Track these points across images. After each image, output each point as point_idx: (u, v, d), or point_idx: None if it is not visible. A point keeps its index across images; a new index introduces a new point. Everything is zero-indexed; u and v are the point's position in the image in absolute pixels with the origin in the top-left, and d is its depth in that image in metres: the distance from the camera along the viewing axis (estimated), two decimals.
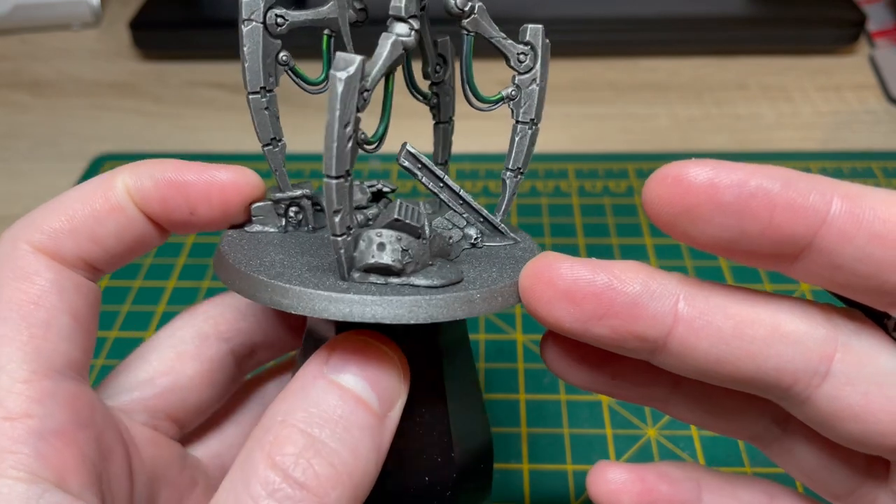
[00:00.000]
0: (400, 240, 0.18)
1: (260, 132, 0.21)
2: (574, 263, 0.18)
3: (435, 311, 0.18)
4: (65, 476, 0.17)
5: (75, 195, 0.20)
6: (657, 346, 0.18)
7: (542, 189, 0.45)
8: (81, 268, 0.20)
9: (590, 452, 0.32)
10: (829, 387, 0.17)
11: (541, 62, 0.20)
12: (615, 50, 0.58)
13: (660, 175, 0.16)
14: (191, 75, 0.57)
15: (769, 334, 0.17)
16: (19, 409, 0.17)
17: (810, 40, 0.57)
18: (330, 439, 0.17)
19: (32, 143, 0.51)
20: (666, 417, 0.33)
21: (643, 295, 0.17)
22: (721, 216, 0.16)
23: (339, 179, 0.17)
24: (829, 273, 0.16)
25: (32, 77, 0.58)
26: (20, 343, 0.18)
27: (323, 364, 0.18)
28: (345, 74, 0.16)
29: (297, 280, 0.18)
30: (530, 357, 0.36)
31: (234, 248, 0.20)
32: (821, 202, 0.16)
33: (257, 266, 0.19)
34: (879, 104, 0.52)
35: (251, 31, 0.20)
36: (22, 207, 0.45)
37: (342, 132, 0.17)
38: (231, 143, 0.50)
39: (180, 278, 0.40)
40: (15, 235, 0.19)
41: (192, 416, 0.23)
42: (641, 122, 0.52)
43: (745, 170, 0.16)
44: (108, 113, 0.54)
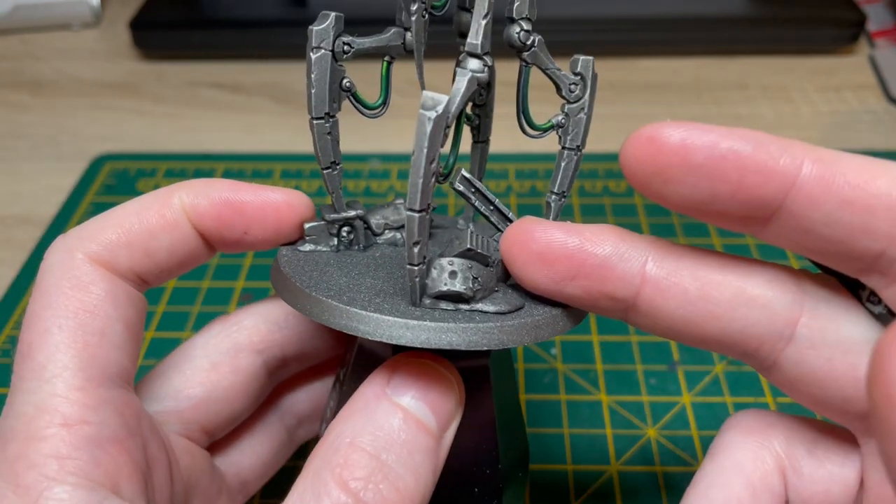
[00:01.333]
0: (471, 268, 0.19)
1: (322, 156, 0.21)
2: (548, 227, 0.19)
3: (506, 338, 0.18)
4: (119, 482, 0.18)
5: (132, 208, 0.21)
6: (628, 306, 0.18)
7: (543, 189, 0.45)
8: (133, 280, 0.21)
9: (590, 452, 0.32)
10: (793, 350, 0.18)
11: (589, 92, 0.21)
12: (615, 50, 0.58)
13: (636, 135, 0.17)
14: (191, 75, 0.57)
15: (734, 297, 0.18)
16: (76, 416, 0.18)
17: (810, 40, 0.57)
18: (395, 464, 0.17)
19: (32, 143, 0.51)
20: (666, 417, 0.33)
21: (612, 256, 0.18)
22: (692, 177, 0.16)
23: (422, 213, 0.18)
24: (799, 237, 0.17)
25: (32, 77, 0.58)
26: (76, 351, 0.18)
27: (385, 385, 0.19)
28: (434, 114, 0.16)
29: (372, 306, 0.19)
30: (530, 357, 0.36)
31: (295, 269, 0.21)
32: (791, 166, 0.16)
33: (325, 289, 0.19)
34: (879, 104, 0.52)
35: (320, 59, 0.20)
36: (22, 207, 0.45)
37: (428, 169, 0.17)
38: (231, 143, 0.50)
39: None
40: (70, 245, 0.20)
41: (223, 426, 0.24)
42: (641, 122, 0.51)
43: (718, 132, 0.16)
44: (108, 113, 0.54)
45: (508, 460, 0.23)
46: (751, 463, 0.19)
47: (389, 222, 0.23)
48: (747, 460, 0.19)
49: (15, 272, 0.40)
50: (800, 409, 0.29)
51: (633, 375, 0.35)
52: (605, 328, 0.37)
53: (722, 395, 0.34)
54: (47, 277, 0.19)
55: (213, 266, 0.41)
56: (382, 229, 0.23)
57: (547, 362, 0.35)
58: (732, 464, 0.19)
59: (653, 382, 0.34)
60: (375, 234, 0.23)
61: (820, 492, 0.19)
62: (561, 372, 0.35)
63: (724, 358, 0.35)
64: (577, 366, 0.35)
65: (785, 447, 0.19)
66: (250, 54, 0.58)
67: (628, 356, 0.36)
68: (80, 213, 0.44)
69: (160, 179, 0.47)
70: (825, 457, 0.19)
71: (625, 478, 0.31)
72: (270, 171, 0.47)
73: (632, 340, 0.36)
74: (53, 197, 0.46)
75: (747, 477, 0.19)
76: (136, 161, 0.48)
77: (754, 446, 0.19)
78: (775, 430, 0.20)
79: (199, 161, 0.48)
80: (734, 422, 0.20)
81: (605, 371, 0.35)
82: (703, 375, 0.35)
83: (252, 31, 0.57)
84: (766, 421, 0.20)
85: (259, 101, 0.54)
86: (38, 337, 0.18)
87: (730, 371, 0.35)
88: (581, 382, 0.35)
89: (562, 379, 0.35)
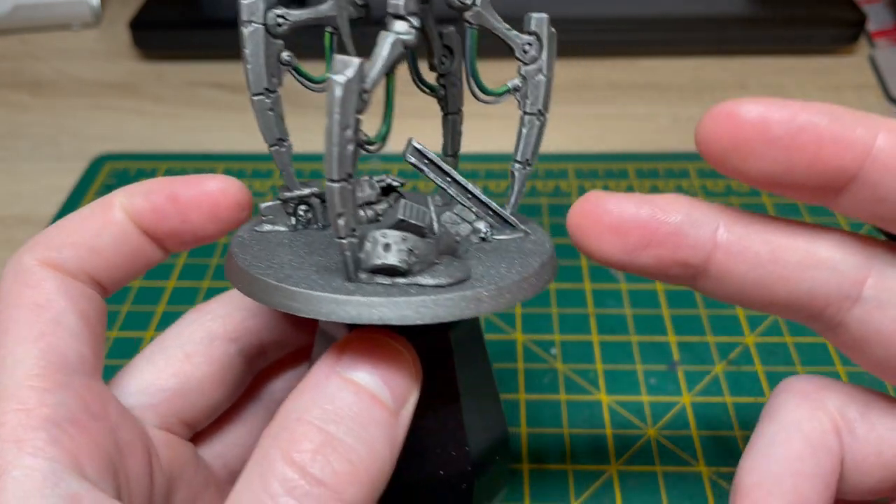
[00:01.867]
0: (405, 240, 0.18)
1: (265, 134, 0.21)
2: (620, 199, 0.19)
3: (441, 311, 0.18)
4: (80, 461, 0.18)
5: (75, 214, 0.22)
6: (698, 272, 0.19)
7: (542, 189, 0.45)
8: (86, 281, 0.21)
9: (590, 452, 0.32)
10: (860, 311, 0.18)
11: (547, 52, 0.20)
12: (615, 50, 0.58)
13: (713, 112, 0.17)
14: (191, 75, 0.57)
15: (804, 259, 0.18)
16: (33, 400, 0.18)
17: (810, 40, 0.57)
18: (346, 436, 0.17)
19: (32, 143, 0.51)
20: (666, 417, 0.33)
21: (685, 224, 0.19)
22: (771, 150, 0.17)
23: (342, 183, 0.17)
24: (872, 206, 0.17)
25: (32, 77, 0.58)
26: (31, 341, 0.19)
27: (335, 362, 0.18)
28: (343, 78, 0.16)
29: (305, 283, 0.18)
30: (530, 357, 0.36)
31: (244, 248, 0.20)
32: (866, 136, 0.16)
33: (266, 268, 0.19)
34: (879, 104, 0.52)
35: (253, 34, 0.19)
36: (22, 207, 0.45)
37: (342, 136, 0.17)
38: (231, 143, 0.50)
39: (180, 278, 0.40)
40: (20, 254, 0.21)
41: (202, 417, 0.23)
42: (641, 122, 0.52)
43: (794, 106, 0.17)
44: (108, 113, 0.54)
45: (478, 443, 0.22)
46: (808, 422, 0.19)
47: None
48: (804, 419, 0.19)
49: None
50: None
51: (633, 375, 0.35)
52: (605, 328, 0.37)
53: (722, 395, 0.34)
54: (1, 286, 0.20)
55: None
56: None
57: (547, 362, 0.35)
58: (790, 422, 0.20)
59: (653, 382, 0.34)
60: None
61: (872, 453, 0.19)
62: (561, 372, 0.35)
63: (724, 358, 0.35)
64: (577, 366, 0.35)
65: (840, 409, 0.20)
66: None
67: (628, 356, 0.36)
68: None
69: None
70: (878, 420, 0.20)
71: (625, 478, 0.31)
72: (270, 171, 0.47)
73: (632, 340, 0.36)
74: (53, 197, 0.46)
75: (806, 435, 0.19)
76: (136, 161, 0.48)
77: (810, 407, 0.20)
78: (829, 392, 0.20)
79: (199, 161, 0.48)
80: (787, 385, 0.21)
81: (605, 371, 0.35)
82: (703, 375, 0.35)
83: None
84: (820, 385, 0.20)
85: None
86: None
87: (730, 371, 0.35)
88: (581, 382, 0.35)
89: (562, 379, 0.35)
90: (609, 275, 0.40)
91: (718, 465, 0.31)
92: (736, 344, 0.36)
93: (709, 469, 0.31)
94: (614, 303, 0.38)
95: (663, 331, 0.37)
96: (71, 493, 0.17)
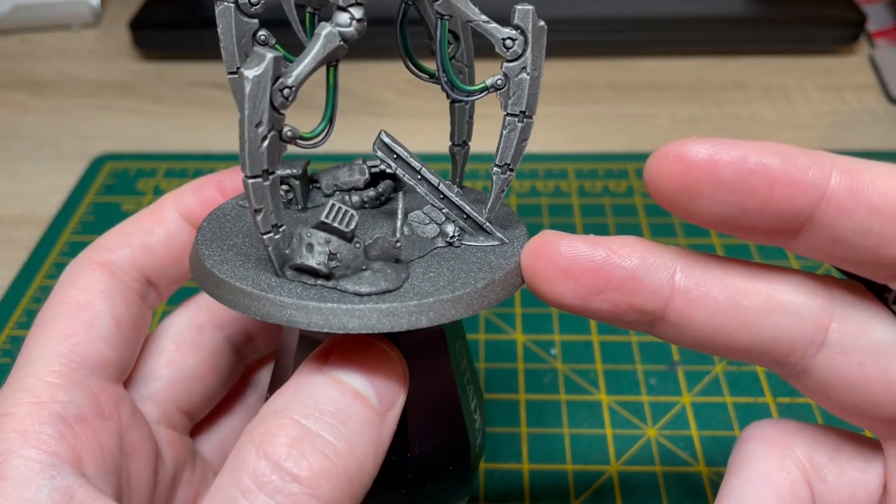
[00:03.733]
0: (328, 242, 0.18)
1: None
2: (573, 240, 0.18)
3: (351, 322, 0.17)
4: (80, 459, 0.18)
5: (130, 218, 0.23)
6: (655, 318, 0.18)
7: (542, 189, 0.45)
8: (138, 279, 0.22)
9: (590, 452, 0.32)
10: (825, 356, 0.18)
11: (532, 48, 0.19)
12: (615, 50, 0.58)
13: (661, 153, 0.17)
14: (191, 75, 0.57)
15: (764, 304, 0.18)
16: (46, 395, 0.18)
17: (810, 40, 0.57)
18: (325, 430, 0.17)
19: (32, 143, 0.51)
20: (666, 417, 0.33)
21: (641, 268, 0.18)
22: (721, 192, 0.16)
23: (256, 179, 0.17)
24: (829, 247, 0.17)
25: (32, 77, 0.58)
26: (60, 339, 0.20)
27: (322, 362, 0.18)
28: (252, 73, 0.16)
29: (233, 272, 0.18)
30: (530, 357, 0.36)
31: (216, 223, 0.21)
32: (820, 177, 0.16)
33: (217, 248, 0.19)
34: (879, 104, 0.52)
35: (222, 12, 0.19)
36: (22, 207, 0.45)
37: (253, 132, 0.17)
38: (231, 144, 0.50)
39: None
40: (80, 258, 0.22)
41: (199, 405, 0.24)
42: (641, 122, 0.52)
43: (745, 147, 0.16)
44: (108, 113, 0.54)
45: (423, 451, 0.22)
46: (776, 473, 0.19)
47: (339, 184, 0.22)
48: (773, 471, 0.19)
49: (15, 272, 0.40)
50: (800, 411, 0.29)
51: (633, 375, 0.35)
52: (605, 328, 0.37)
53: (722, 395, 0.34)
54: (57, 286, 0.21)
55: None
56: (332, 190, 0.22)
57: (547, 362, 0.35)
58: (759, 475, 0.19)
59: (653, 382, 0.34)
60: (326, 195, 0.22)
61: (846, 498, 0.19)
62: (561, 372, 0.35)
63: (723, 358, 0.35)
64: (577, 366, 0.35)
65: (808, 456, 0.19)
66: None
67: (628, 356, 0.36)
68: (80, 213, 0.44)
69: (160, 179, 0.47)
70: (848, 463, 0.19)
71: (625, 478, 0.31)
72: None
73: (632, 340, 0.36)
74: (53, 197, 0.46)
75: (775, 488, 0.19)
76: (136, 161, 0.48)
77: (778, 456, 0.19)
78: (796, 439, 0.19)
79: (199, 161, 0.48)
80: (753, 433, 0.20)
81: (605, 371, 0.35)
82: (703, 375, 0.35)
83: None
84: (787, 430, 0.20)
85: None
86: (35, 330, 0.20)
87: (730, 371, 0.35)
88: (581, 382, 0.35)
89: (562, 379, 0.35)
90: None
91: (718, 465, 0.31)
92: None
93: (709, 469, 0.31)
94: None
95: None
96: (65, 486, 0.17)
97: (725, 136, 0.17)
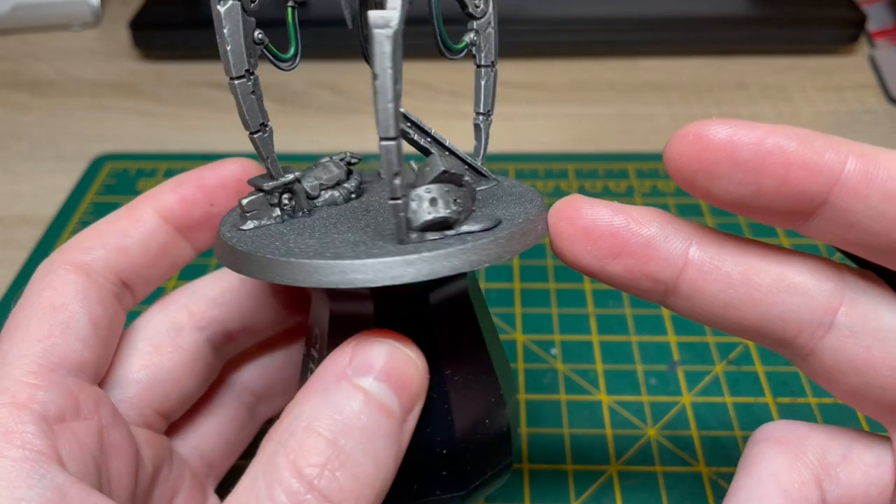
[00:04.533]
0: (448, 192, 0.18)
1: (249, 119, 0.20)
2: (596, 204, 0.19)
3: (502, 250, 0.18)
4: (61, 458, 0.18)
5: (106, 218, 0.23)
6: (668, 289, 0.19)
7: (543, 189, 0.45)
8: (113, 280, 0.22)
9: (590, 452, 0.32)
10: (833, 339, 0.18)
11: (491, 4, 0.21)
12: (615, 50, 0.58)
13: (681, 133, 0.17)
14: (191, 75, 0.57)
15: (776, 282, 0.18)
16: (25, 396, 0.18)
17: (810, 40, 0.57)
18: (354, 450, 0.17)
19: (32, 143, 0.51)
20: (666, 417, 0.33)
21: (657, 237, 0.19)
22: (738, 173, 0.17)
23: (398, 140, 0.17)
24: (842, 231, 0.17)
25: (32, 77, 0.58)
26: (37, 340, 0.19)
27: (346, 365, 0.18)
28: (390, 31, 0.16)
29: (363, 254, 0.17)
30: (530, 357, 0.36)
31: (254, 245, 0.19)
32: (836, 160, 0.16)
33: (302, 253, 0.18)
34: (879, 104, 0.52)
35: (230, 11, 0.19)
36: (22, 207, 0.45)
37: (396, 91, 0.17)
38: (231, 144, 0.50)
39: (180, 278, 0.40)
40: (52, 258, 0.22)
41: (176, 406, 0.24)
42: (641, 122, 0.52)
43: (763, 128, 0.17)
44: (108, 113, 0.54)
45: (465, 413, 0.22)
46: (786, 475, 0.19)
47: (323, 182, 0.22)
48: (783, 472, 0.19)
49: (15, 272, 0.40)
50: (800, 411, 0.29)
51: (633, 375, 0.35)
52: (605, 328, 0.37)
53: (722, 395, 0.34)
54: (29, 287, 0.21)
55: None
56: (318, 191, 0.22)
57: (547, 362, 0.35)
58: (768, 476, 0.19)
59: (653, 382, 0.34)
60: (311, 197, 0.22)
61: (859, 495, 0.19)
62: (561, 372, 0.35)
63: (724, 358, 0.35)
64: (577, 366, 0.35)
65: (820, 456, 0.19)
66: None
67: (628, 356, 0.36)
68: (80, 213, 0.44)
69: (160, 179, 0.47)
70: (860, 460, 0.19)
71: (625, 478, 0.31)
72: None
73: (632, 340, 0.36)
74: (53, 197, 0.46)
75: (784, 489, 0.19)
76: (136, 161, 0.48)
77: (788, 458, 0.19)
78: (808, 440, 0.20)
79: (199, 161, 0.48)
80: (764, 434, 0.20)
81: (605, 371, 0.35)
82: (703, 375, 0.35)
83: None
84: (798, 432, 0.20)
85: None
86: (8, 331, 0.20)
87: (730, 371, 0.35)
88: (581, 382, 0.35)
89: (562, 379, 0.35)
90: None
91: (718, 465, 0.31)
92: (736, 344, 0.36)
93: (709, 469, 0.31)
94: (614, 303, 0.38)
95: (663, 331, 0.37)
96: (57, 484, 0.17)
97: None
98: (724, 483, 0.30)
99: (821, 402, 0.33)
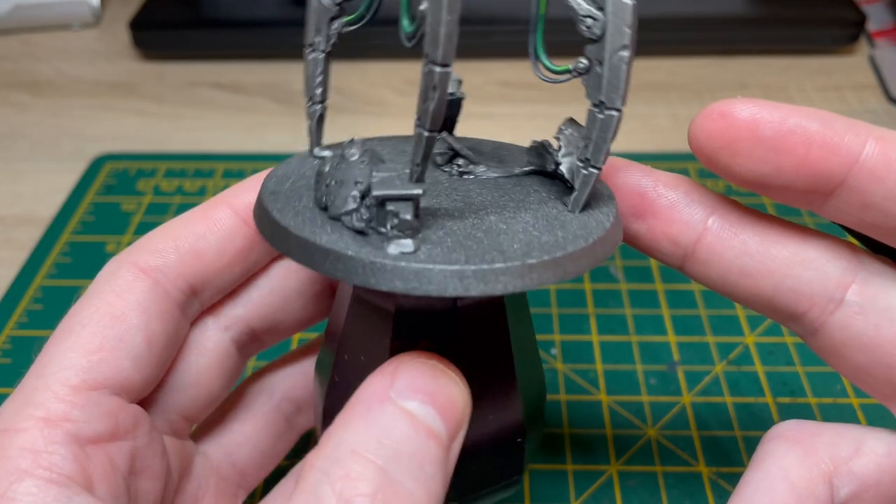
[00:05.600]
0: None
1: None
2: (630, 168, 0.20)
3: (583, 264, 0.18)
4: (92, 483, 0.17)
5: (179, 218, 0.21)
6: (687, 253, 0.20)
7: None
8: (182, 289, 0.21)
9: (590, 452, 0.32)
10: (842, 315, 0.19)
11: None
12: None
13: (706, 111, 0.18)
14: (191, 75, 0.57)
15: (792, 256, 0.19)
16: (60, 413, 0.18)
17: (810, 40, 0.57)
18: (405, 478, 0.16)
19: (32, 143, 0.51)
20: (666, 417, 0.33)
21: (681, 201, 0.20)
22: (760, 151, 0.17)
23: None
24: (859, 212, 0.17)
25: (32, 77, 0.58)
26: (86, 352, 0.19)
27: (388, 387, 0.17)
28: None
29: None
30: None
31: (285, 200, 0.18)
32: (855, 142, 0.17)
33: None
34: (879, 104, 0.52)
35: None
36: (22, 208, 0.45)
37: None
38: (231, 143, 0.50)
39: None
40: (120, 257, 0.20)
41: (202, 409, 0.23)
42: (641, 122, 0.52)
43: (787, 109, 0.17)
44: (108, 113, 0.54)
45: (529, 395, 0.22)
46: (796, 470, 0.19)
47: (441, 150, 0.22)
48: (792, 467, 0.19)
49: (15, 272, 0.40)
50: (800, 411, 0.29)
51: (633, 375, 0.35)
52: (605, 328, 0.37)
53: (722, 395, 0.34)
54: (93, 284, 0.20)
55: None
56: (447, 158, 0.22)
57: (547, 362, 0.35)
58: (777, 470, 0.19)
59: (653, 382, 0.34)
60: (439, 165, 0.22)
61: (872, 485, 0.19)
62: (561, 372, 0.35)
63: (724, 358, 0.35)
64: (577, 366, 0.35)
65: (831, 452, 0.20)
66: (250, 54, 0.58)
67: (628, 356, 0.36)
68: (80, 213, 0.44)
69: (160, 179, 0.47)
70: (871, 451, 0.20)
71: (625, 478, 0.31)
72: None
73: (632, 340, 0.36)
74: (53, 197, 0.46)
75: (792, 483, 0.19)
76: (136, 161, 0.48)
77: (799, 454, 0.20)
78: (819, 437, 0.20)
79: (199, 161, 0.48)
80: (776, 432, 0.20)
81: (605, 371, 0.35)
82: (703, 375, 0.35)
83: (252, 31, 0.57)
84: (810, 430, 0.20)
85: (259, 101, 0.54)
86: (60, 333, 0.19)
87: (730, 371, 0.35)
88: (581, 382, 0.35)
89: (562, 379, 0.35)
90: (609, 275, 0.40)
91: (718, 465, 0.31)
92: (736, 344, 0.36)
93: (709, 469, 0.31)
94: (614, 303, 0.38)
95: (663, 331, 0.37)
96: None
97: None
98: (724, 483, 0.30)
99: (821, 403, 0.33)
